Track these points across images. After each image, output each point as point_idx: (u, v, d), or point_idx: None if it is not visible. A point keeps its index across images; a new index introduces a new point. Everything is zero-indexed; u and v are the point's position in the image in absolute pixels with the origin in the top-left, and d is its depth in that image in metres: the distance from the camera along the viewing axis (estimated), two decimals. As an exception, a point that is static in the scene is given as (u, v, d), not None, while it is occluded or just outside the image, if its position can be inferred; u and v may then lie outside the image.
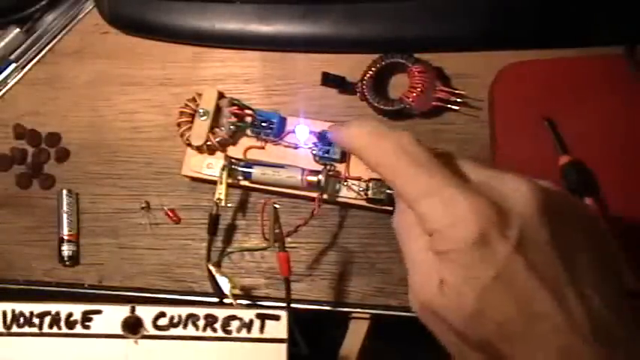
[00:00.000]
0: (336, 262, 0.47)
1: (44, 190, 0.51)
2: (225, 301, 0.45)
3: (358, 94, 0.48)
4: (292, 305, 0.44)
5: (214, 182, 0.45)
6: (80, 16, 0.55)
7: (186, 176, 0.49)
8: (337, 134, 0.35)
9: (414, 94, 0.46)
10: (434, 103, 0.47)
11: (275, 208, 0.42)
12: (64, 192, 0.50)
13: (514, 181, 0.30)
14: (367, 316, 0.47)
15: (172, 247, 0.49)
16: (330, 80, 0.48)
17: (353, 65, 0.49)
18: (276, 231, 0.42)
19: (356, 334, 0.47)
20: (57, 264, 0.49)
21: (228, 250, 0.48)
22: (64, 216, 0.50)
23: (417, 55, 0.47)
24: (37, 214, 0.51)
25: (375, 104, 0.47)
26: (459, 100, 0.47)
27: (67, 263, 0.49)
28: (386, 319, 0.47)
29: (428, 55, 0.48)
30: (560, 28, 0.48)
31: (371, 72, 0.48)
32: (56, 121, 0.53)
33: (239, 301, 0.44)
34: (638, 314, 0.30)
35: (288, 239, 0.46)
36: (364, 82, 0.48)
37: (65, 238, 0.49)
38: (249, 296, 0.47)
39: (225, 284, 0.44)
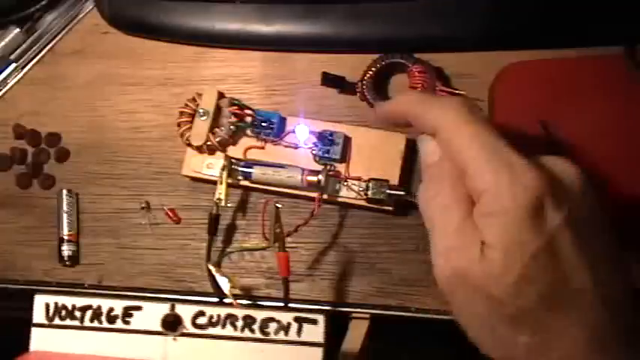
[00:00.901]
0: (336, 262, 0.47)
1: (44, 190, 0.51)
2: (226, 301, 0.45)
3: (358, 94, 0.48)
4: (291, 305, 0.45)
5: (214, 182, 0.45)
6: (80, 16, 0.55)
7: (186, 176, 0.49)
8: (387, 104, 0.36)
9: (414, 94, 0.46)
10: (434, 103, 0.47)
11: (277, 207, 0.42)
12: (64, 192, 0.50)
13: (563, 161, 0.31)
14: (367, 316, 0.47)
15: (172, 247, 0.49)
16: (330, 80, 0.48)
17: (353, 65, 0.49)
18: (277, 230, 0.42)
19: (356, 334, 0.47)
20: (57, 264, 0.49)
21: (228, 250, 0.48)
22: (64, 216, 0.50)
23: (417, 55, 0.47)
24: (37, 214, 0.51)
25: (375, 104, 0.47)
26: (459, 100, 0.47)
27: (67, 263, 0.49)
28: (386, 319, 0.47)
29: (428, 55, 0.48)
30: (560, 28, 0.48)
31: (371, 72, 0.48)
32: (56, 121, 0.53)
33: (239, 301, 0.44)
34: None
35: (288, 239, 0.46)
36: (364, 82, 0.48)
37: (65, 238, 0.49)
38: (250, 296, 0.47)
39: (225, 284, 0.44)
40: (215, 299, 0.46)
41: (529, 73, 0.47)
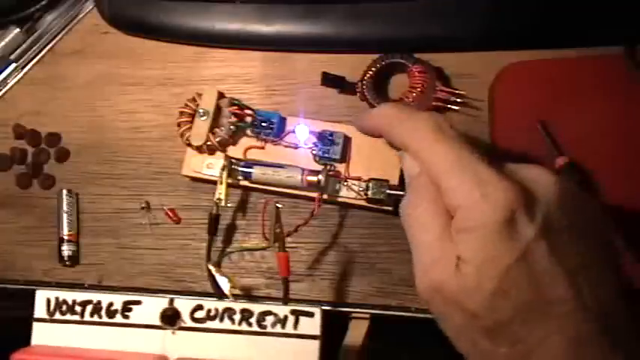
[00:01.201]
0: (336, 262, 0.47)
1: (44, 190, 0.51)
2: (227, 301, 0.45)
3: (358, 94, 0.48)
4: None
5: (214, 182, 0.45)
6: (80, 16, 0.55)
7: (186, 176, 0.49)
8: (362, 117, 0.36)
9: (414, 94, 0.46)
10: (434, 103, 0.47)
11: (277, 207, 0.42)
12: (64, 192, 0.50)
13: (536, 170, 0.31)
14: (367, 316, 0.47)
15: (172, 247, 0.49)
16: (330, 80, 0.48)
17: (353, 65, 0.49)
18: (277, 230, 0.42)
19: (356, 334, 0.47)
20: (57, 264, 0.50)
21: (228, 250, 0.48)
22: (64, 216, 0.50)
23: (417, 55, 0.47)
24: (37, 214, 0.51)
25: (375, 104, 0.47)
26: (459, 100, 0.47)
27: (67, 263, 0.49)
28: (386, 319, 0.47)
29: (428, 55, 0.48)
30: (560, 28, 0.48)
31: (371, 72, 0.48)
32: (56, 121, 0.53)
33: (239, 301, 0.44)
34: (637, 313, 0.30)
35: (288, 239, 0.46)
36: (364, 82, 0.48)
37: (65, 238, 0.49)
38: (250, 296, 0.47)
39: (225, 284, 0.44)
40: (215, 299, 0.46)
41: (529, 73, 0.47)
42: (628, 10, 0.46)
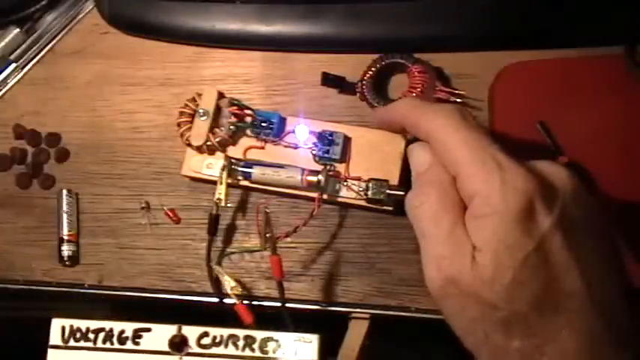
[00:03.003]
0: (336, 262, 0.47)
1: (44, 190, 0.51)
2: (226, 301, 0.45)
3: (358, 94, 0.48)
4: (291, 305, 0.45)
5: (214, 182, 0.45)
6: (80, 16, 0.55)
7: (186, 176, 0.49)
8: (384, 110, 0.37)
9: (414, 94, 0.46)
10: (434, 103, 0.47)
11: (266, 212, 0.42)
12: (64, 192, 0.50)
13: (554, 165, 0.31)
14: (367, 316, 0.47)
15: (172, 247, 0.49)
16: (330, 80, 0.48)
17: (353, 65, 0.49)
18: (268, 235, 0.42)
19: (356, 334, 0.47)
20: (57, 264, 0.49)
21: (228, 250, 0.48)
22: (64, 216, 0.50)
23: (417, 55, 0.47)
24: (37, 214, 0.51)
25: (375, 104, 0.47)
26: (458, 100, 0.47)
27: (67, 263, 0.49)
28: (386, 319, 0.47)
29: (428, 55, 0.48)
30: (560, 28, 0.48)
31: (371, 72, 0.48)
32: (56, 121, 0.53)
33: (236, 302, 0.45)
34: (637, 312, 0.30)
35: (288, 239, 0.46)
36: (364, 82, 0.48)
37: (65, 238, 0.49)
38: (249, 296, 0.47)
39: (225, 284, 0.44)
40: (215, 299, 0.46)
41: (529, 73, 0.47)
42: (628, 10, 0.46)
